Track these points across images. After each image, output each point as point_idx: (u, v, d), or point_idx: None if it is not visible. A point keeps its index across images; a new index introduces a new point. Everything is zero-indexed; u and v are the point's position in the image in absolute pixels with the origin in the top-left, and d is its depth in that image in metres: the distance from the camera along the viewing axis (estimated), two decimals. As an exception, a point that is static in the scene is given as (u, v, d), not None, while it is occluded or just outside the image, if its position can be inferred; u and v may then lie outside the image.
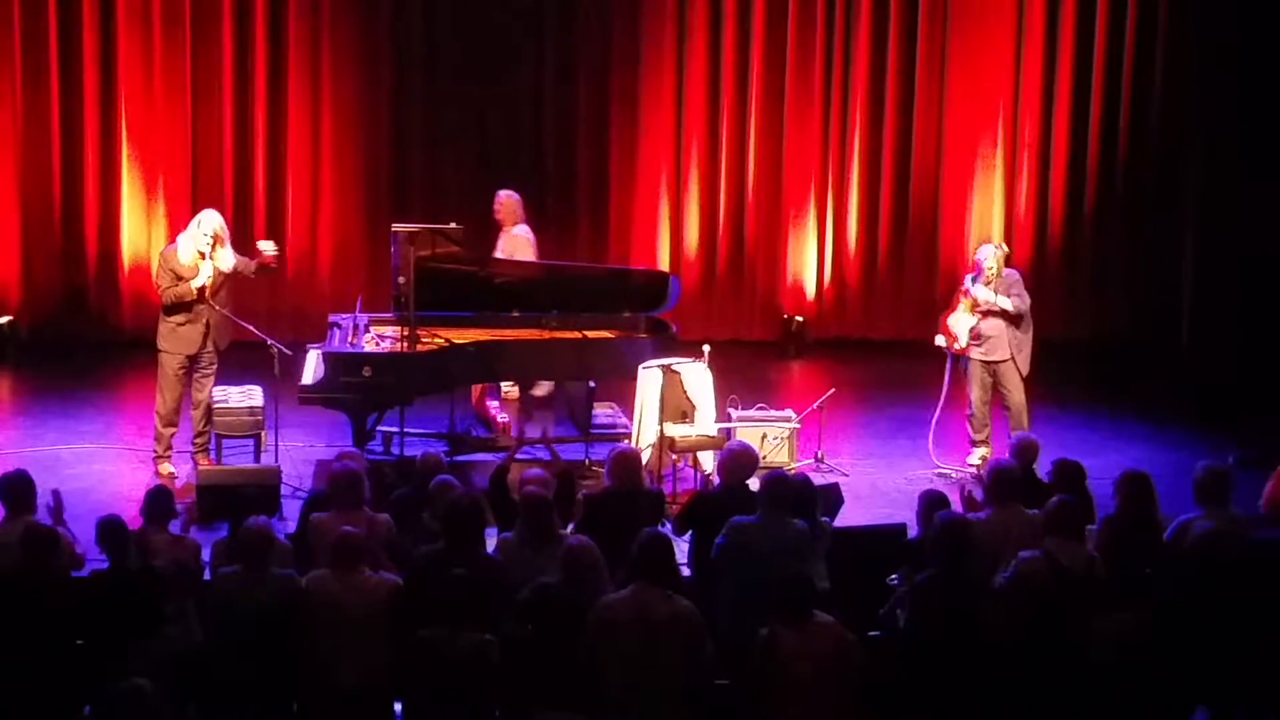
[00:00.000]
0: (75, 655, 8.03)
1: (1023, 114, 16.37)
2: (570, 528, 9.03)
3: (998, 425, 12.47)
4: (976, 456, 12.42)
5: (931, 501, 8.86)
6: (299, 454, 12.15)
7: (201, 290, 11.73)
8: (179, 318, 11.82)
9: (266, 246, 12.02)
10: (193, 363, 11.90)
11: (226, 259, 11.81)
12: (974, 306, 12.31)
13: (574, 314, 12.49)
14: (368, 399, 11.73)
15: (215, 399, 12.05)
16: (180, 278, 11.74)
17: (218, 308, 11.84)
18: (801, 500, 8.92)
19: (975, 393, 12.43)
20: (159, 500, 9.01)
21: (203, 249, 11.74)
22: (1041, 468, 9.99)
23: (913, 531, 9.34)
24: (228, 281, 11.88)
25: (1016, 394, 12.35)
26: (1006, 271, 12.49)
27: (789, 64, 16.15)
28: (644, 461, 10.66)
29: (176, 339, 11.85)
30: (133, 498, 11.31)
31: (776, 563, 8.24)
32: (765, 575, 8.12)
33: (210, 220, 11.83)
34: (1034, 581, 8.28)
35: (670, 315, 12.79)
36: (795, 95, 16.19)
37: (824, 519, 9.19)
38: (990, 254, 12.36)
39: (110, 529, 8.48)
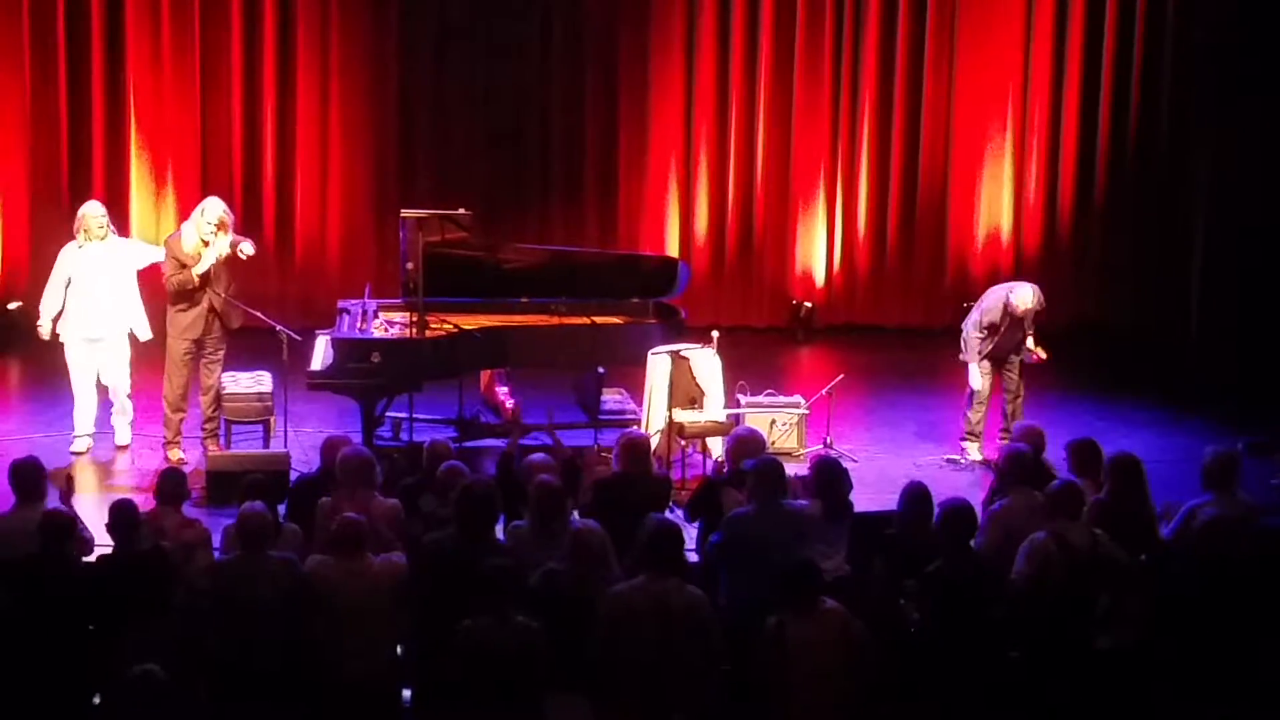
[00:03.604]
0: (87, 641, 8.04)
1: (1032, 101, 16.36)
2: (576, 513, 9.03)
3: (992, 416, 12.48)
4: (974, 449, 12.45)
5: (912, 493, 8.83)
6: (308, 440, 12.16)
7: (204, 277, 11.76)
8: (182, 304, 11.85)
9: (245, 248, 11.97)
10: (199, 348, 11.93)
11: (225, 244, 11.82)
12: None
13: (583, 300, 12.49)
14: (376, 385, 11.74)
15: (224, 385, 12.08)
16: (184, 265, 11.77)
17: (221, 293, 11.86)
18: (834, 482, 8.98)
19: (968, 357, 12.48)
20: (172, 481, 9.04)
21: (206, 237, 11.76)
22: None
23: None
24: (226, 265, 11.89)
25: (1017, 377, 12.43)
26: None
27: (798, 50, 16.14)
28: (653, 447, 10.67)
29: (181, 325, 11.88)
30: (142, 485, 11.36)
31: (777, 549, 8.23)
32: (768, 563, 8.12)
33: (214, 208, 11.85)
34: (1046, 562, 8.30)
35: (679, 301, 12.80)
36: (804, 81, 16.18)
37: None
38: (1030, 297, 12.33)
39: (120, 512, 8.50)
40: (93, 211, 12.08)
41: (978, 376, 12.31)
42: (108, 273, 12.00)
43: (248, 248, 11.90)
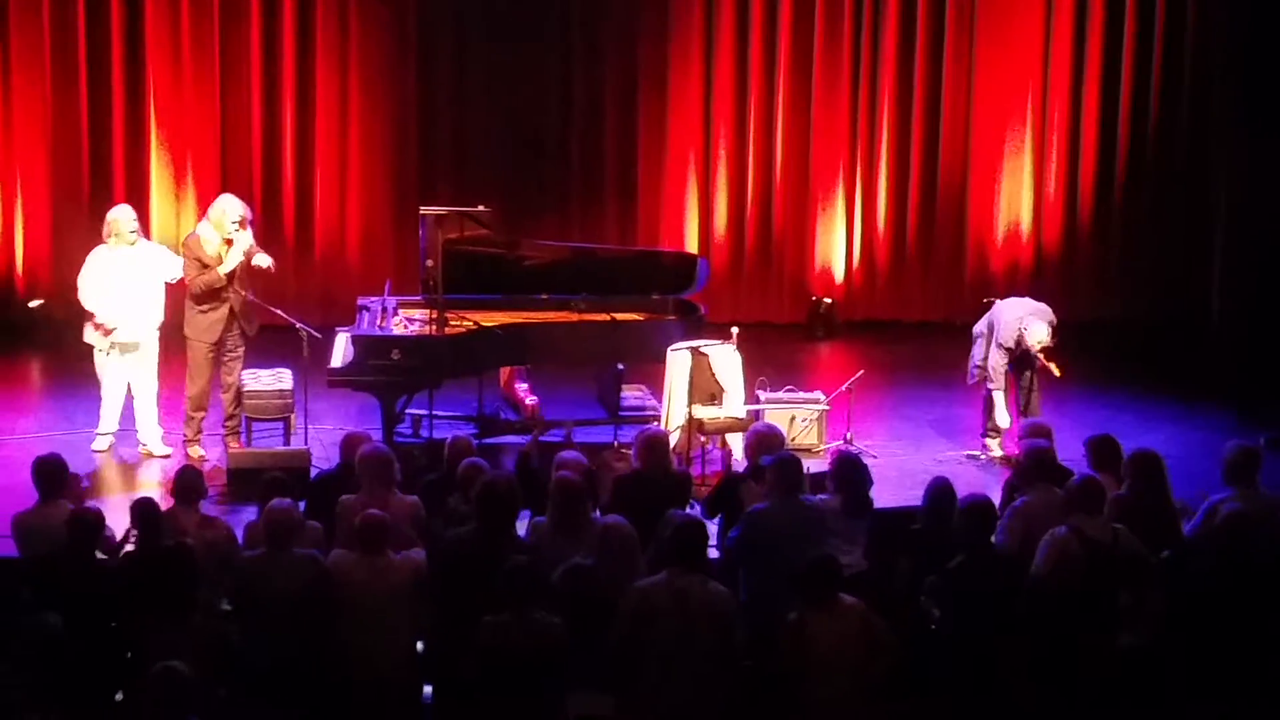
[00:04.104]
0: (112, 638, 8.07)
1: (1051, 95, 16.34)
2: (598, 511, 9.04)
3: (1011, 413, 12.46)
4: (995, 445, 12.44)
5: (937, 489, 8.83)
6: (328, 436, 12.18)
7: (230, 275, 11.78)
8: (206, 304, 11.87)
9: (261, 260, 11.98)
10: (220, 347, 11.96)
11: (246, 241, 11.84)
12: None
13: (602, 296, 12.50)
14: (396, 382, 11.76)
15: (245, 382, 12.11)
16: (205, 265, 11.79)
17: (242, 292, 11.89)
18: (854, 478, 8.98)
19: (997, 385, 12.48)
20: (189, 480, 9.06)
21: (229, 236, 11.78)
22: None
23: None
24: (246, 265, 11.92)
25: (1030, 374, 12.39)
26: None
27: (817, 45, 16.13)
28: (672, 444, 10.68)
29: (200, 326, 11.90)
30: (163, 483, 11.39)
31: (796, 545, 8.22)
32: (787, 559, 8.12)
33: (235, 206, 11.87)
34: (1067, 557, 8.29)
35: (699, 297, 12.80)
36: (823, 76, 16.17)
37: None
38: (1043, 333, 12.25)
39: (142, 510, 8.53)
40: (123, 216, 12.07)
41: (1004, 415, 12.27)
42: (137, 277, 12.01)
43: (264, 260, 11.90)
